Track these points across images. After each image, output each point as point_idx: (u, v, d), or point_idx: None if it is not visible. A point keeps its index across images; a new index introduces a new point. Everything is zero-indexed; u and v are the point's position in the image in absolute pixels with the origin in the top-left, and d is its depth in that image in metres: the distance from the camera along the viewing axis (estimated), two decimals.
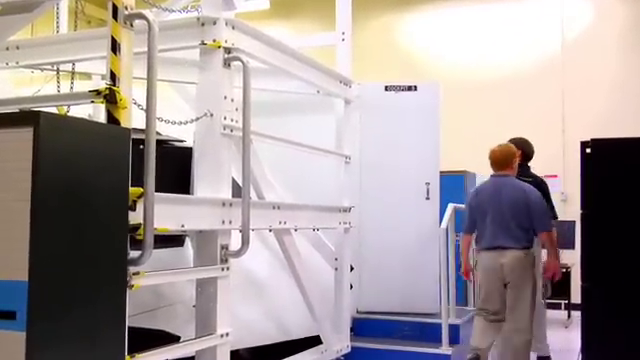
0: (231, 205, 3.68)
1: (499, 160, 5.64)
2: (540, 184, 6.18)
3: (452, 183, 9.89)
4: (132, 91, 2.90)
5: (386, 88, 6.82)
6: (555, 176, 10.70)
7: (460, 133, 11.13)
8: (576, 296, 8.04)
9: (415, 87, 6.82)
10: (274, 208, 4.33)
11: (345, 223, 5.40)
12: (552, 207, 6.38)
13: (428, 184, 6.72)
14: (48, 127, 2.38)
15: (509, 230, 5.41)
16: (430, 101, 6.80)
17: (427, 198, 6.70)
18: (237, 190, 3.82)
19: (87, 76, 5.41)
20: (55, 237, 2.40)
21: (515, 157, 5.71)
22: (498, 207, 5.47)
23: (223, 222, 3.63)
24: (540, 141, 10.96)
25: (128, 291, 2.77)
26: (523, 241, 5.43)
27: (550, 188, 6.69)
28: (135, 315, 3.67)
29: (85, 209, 2.51)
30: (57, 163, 2.41)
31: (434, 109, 6.80)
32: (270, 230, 4.48)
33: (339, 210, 5.35)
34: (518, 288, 5.39)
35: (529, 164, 6.65)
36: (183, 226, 3.31)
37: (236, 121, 3.75)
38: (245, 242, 3.62)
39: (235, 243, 3.71)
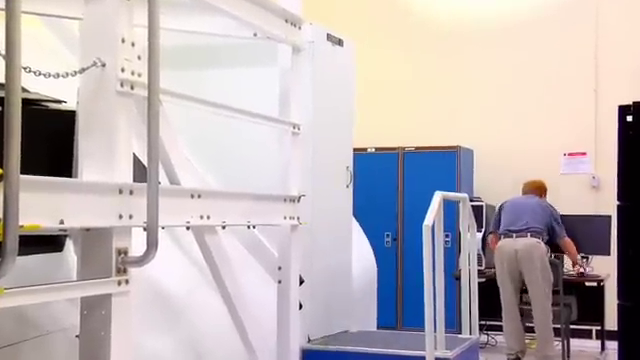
0: (132, 192, 3.63)
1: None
2: None
3: (441, 162, 9.99)
4: None
5: (328, 37, 6.87)
6: (583, 154, 10.83)
7: (455, 96, 11.21)
8: (612, 320, 8.15)
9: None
10: (193, 197, 4.29)
11: (292, 218, 5.38)
12: None
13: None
14: None
15: None
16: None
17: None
18: (140, 172, 3.77)
19: None
20: None
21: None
22: None
23: (120, 217, 3.58)
24: (564, 105, 11.17)
25: None
26: None
27: (576, 169, 6.90)
28: None
29: None
30: None
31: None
32: (188, 228, 4.45)
33: (284, 200, 5.33)
34: None
35: None
36: (62, 222, 3.25)
37: (139, 74, 3.69)
38: (152, 245, 3.56)
39: (138, 246, 3.66)
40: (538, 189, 9.36)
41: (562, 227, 9.08)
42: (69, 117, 4.10)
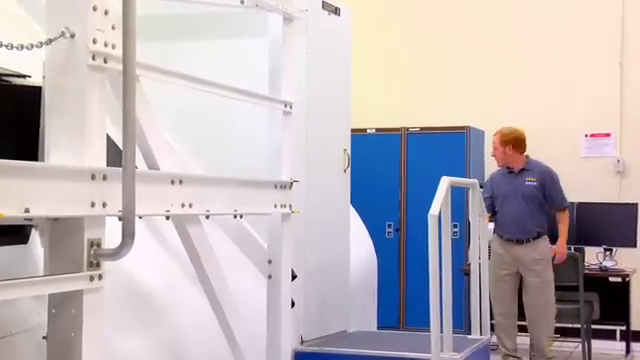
0: (105, 178, 3.62)
1: None
2: None
3: (449, 144, 10.00)
4: None
5: (324, 5, 6.85)
6: (607, 135, 10.84)
7: (464, 71, 11.20)
8: (638, 320, 8.18)
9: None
10: (174, 183, 4.29)
11: (283, 206, 5.38)
12: None
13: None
14: None
15: None
16: None
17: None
18: (115, 155, 3.76)
19: None
20: None
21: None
22: None
23: (93, 205, 3.57)
24: (585, 80, 11.16)
25: None
26: None
27: (599, 152, 6.89)
28: None
29: None
30: None
31: None
32: (168, 217, 4.44)
33: (274, 186, 5.33)
34: None
35: None
36: (27, 211, 3.24)
37: (113, 46, 3.68)
38: (128, 236, 3.57)
39: (112, 237, 3.66)
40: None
41: None
42: (34, 93, 4.09)
